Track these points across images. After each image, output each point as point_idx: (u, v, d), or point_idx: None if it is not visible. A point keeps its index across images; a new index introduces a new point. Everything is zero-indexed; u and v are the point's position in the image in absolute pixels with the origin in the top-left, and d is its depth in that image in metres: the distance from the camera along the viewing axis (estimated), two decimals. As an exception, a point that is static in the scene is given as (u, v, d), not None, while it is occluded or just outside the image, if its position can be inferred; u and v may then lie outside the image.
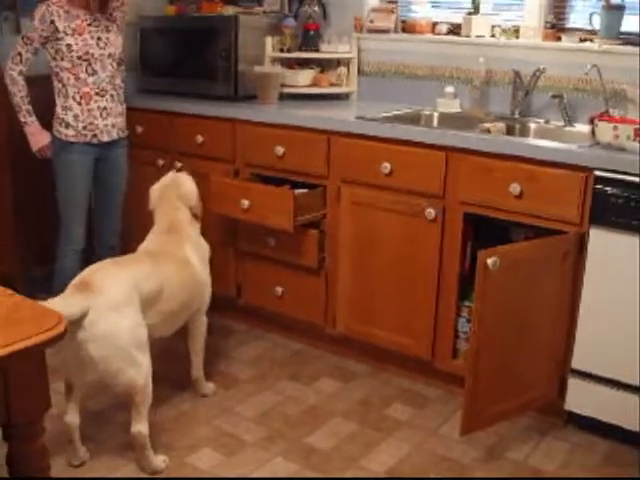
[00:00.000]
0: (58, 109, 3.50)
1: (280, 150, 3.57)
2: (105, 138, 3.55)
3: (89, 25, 3.42)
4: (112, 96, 3.55)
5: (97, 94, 3.48)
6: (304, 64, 4.10)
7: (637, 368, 2.83)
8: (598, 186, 2.80)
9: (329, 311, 3.64)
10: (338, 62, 4.11)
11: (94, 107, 3.48)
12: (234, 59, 3.86)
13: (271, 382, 3.46)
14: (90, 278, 2.67)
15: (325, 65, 4.14)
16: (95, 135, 3.51)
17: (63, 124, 3.48)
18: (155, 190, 3.27)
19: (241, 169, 3.75)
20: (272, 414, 3.20)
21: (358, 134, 3.36)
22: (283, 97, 3.92)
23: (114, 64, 3.53)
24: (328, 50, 4.07)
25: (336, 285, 3.57)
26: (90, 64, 3.43)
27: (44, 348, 1.70)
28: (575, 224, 2.89)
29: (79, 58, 3.40)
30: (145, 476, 2.76)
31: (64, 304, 2.45)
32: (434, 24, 3.93)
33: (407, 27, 4.01)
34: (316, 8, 4.09)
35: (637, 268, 2.76)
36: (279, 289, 3.74)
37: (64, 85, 3.45)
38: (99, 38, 3.45)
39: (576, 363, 2.98)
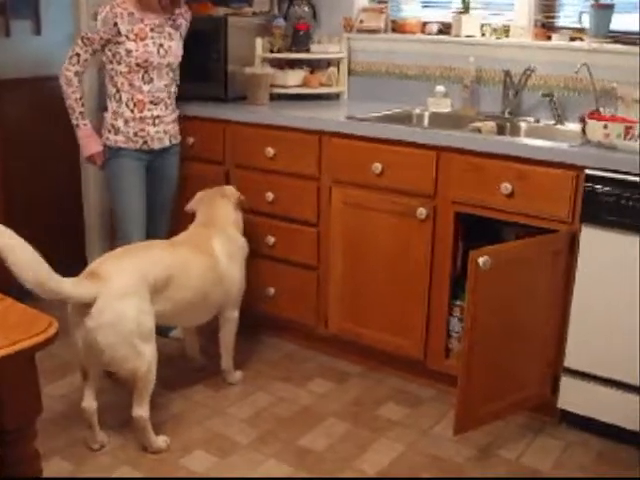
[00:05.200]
0: (108, 114, 3.42)
1: (271, 151, 3.57)
2: (156, 145, 3.45)
3: (152, 31, 3.32)
4: (166, 104, 3.45)
5: (151, 102, 3.38)
6: (294, 65, 4.09)
7: (630, 366, 2.83)
8: (589, 184, 2.81)
9: (321, 312, 3.63)
10: (328, 62, 4.10)
11: (147, 115, 3.39)
12: (224, 60, 3.85)
13: (263, 383, 3.46)
14: (98, 268, 2.78)
15: (315, 65, 4.13)
16: (146, 142, 3.42)
17: (112, 130, 3.39)
18: (198, 195, 3.43)
19: (231, 170, 3.74)
20: (265, 415, 3.19)
21: (349, 134, 3.36)
22: (273, 98, 3.91)
23: (171, 73, 3.44)
24: (318, 50, 4.06)
25: (328, 286, 3.57)
26: (147, 72, 3.33)
27: (34, 352, 1.69)
28: (566, 223, 2.89)
29: (137, 65, 3.30)
30: (145, 476, 2.76)
31: (73, 284, 2.61)
32: (424, 24, 3.93)
33: (397, 27, 4.01)
34: (306, 8, 4.08)
35: (628, 266, 2.77)
36: (271, 290, 3.73)
37: (118, 90, 3.36)
38: (161, 45, 3.34)
39: (569, 362, 2.98)
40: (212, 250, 3.16)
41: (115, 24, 3.25)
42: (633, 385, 2.85)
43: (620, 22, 3.40)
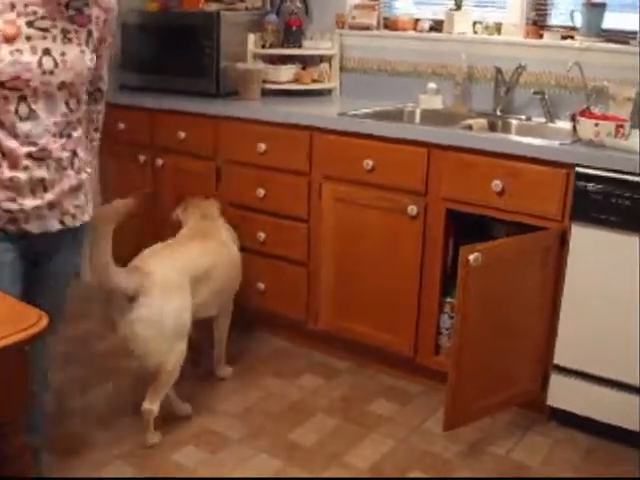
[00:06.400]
0: None
1: (262, 147, 3.56)
2: (34, 229, 2.11)
3: (30, 25, 1.94)
4: (59, 161, 2.08)
5: (30, 156, 2.01)
6: (286, 60, 4.09)
7: (619, 364, 2.85)
8: (579, 182, 2.82)
9: (311, 308, 3.63)
10: (320, 58, 4.11)
11: (22, 177, 2.03)
12: (216, 55, 3.84)
13: (254, 378, 3.46)
14: (142, 263, 2.82)
15: (307, 61, 4.13)
16: (15, 220, 2.07)
17: None
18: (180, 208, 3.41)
19: (222, 166, 3.73)
20: (255, 410, 3.19)
21: (340, 130, 3.36)
22: (265, 93, 3.90)
23: (72, 101, 2.08)
24: (310, 46, 4.07)
25: (318, 282, 3.57)
26: (25, 98, 1.97)
27: (24, 346, 1.68)
28: (556, 220, 2.90)
29: (2, 86, 1.94)
30: (144, 476, 2.75)
31: (125, 274, 2.69)
32: (416, 21, 3.93)
33: (389, 24, 4.01)
34: (298, 4, 4.07)
35: (617, 264, 2.78)
36: (261, 285, 3.73)
37: None
38: (46, 52, 1.97)
39: (558, 359, 2.99)
40: (225, 241, 3.24)
41: None
42: (622, 382, 2.86)
43: (612, 21, 3.41)
